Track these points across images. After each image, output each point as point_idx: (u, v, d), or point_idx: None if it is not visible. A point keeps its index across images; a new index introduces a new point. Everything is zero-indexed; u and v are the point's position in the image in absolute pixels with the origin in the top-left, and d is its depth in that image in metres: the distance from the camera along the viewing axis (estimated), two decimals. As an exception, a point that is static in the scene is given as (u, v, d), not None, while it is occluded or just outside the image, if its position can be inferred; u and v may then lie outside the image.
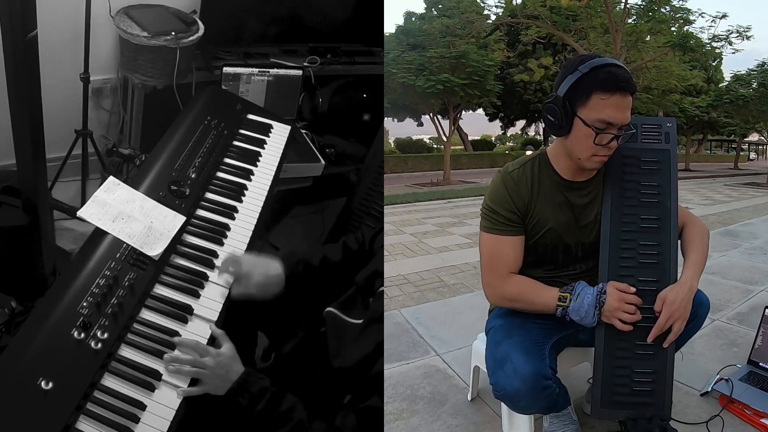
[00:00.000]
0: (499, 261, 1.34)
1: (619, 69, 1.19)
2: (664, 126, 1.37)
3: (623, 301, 1.23)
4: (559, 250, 1.35)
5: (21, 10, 1.32)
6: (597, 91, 1.17)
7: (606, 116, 1.18)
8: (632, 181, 1.34)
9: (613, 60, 1.21)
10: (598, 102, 1.17)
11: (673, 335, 1.24)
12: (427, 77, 11.63)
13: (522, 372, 1.17)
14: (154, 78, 2.28)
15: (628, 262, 1.29)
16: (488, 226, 1.34)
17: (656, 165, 1.34)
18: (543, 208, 1.32)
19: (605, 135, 1.19)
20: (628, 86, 1.17)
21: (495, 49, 13.99)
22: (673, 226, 1.32)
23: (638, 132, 1.35)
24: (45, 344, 1.08)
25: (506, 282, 1.33)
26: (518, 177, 1.33)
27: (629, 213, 1.32)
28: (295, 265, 1.43)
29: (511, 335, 1.28)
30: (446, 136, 13.49)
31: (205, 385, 1.18)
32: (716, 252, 3.94)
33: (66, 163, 2.49)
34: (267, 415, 1.17)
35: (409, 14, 17.90)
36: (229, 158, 1.78)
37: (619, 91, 1.17)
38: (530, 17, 12.86)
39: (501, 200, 1.32)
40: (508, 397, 1.21)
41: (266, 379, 1.21)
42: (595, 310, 1.24)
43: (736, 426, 1.53)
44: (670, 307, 1.22)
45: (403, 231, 5.48)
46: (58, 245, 2.14)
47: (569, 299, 1.26)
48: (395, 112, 16.40)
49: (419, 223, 6.06)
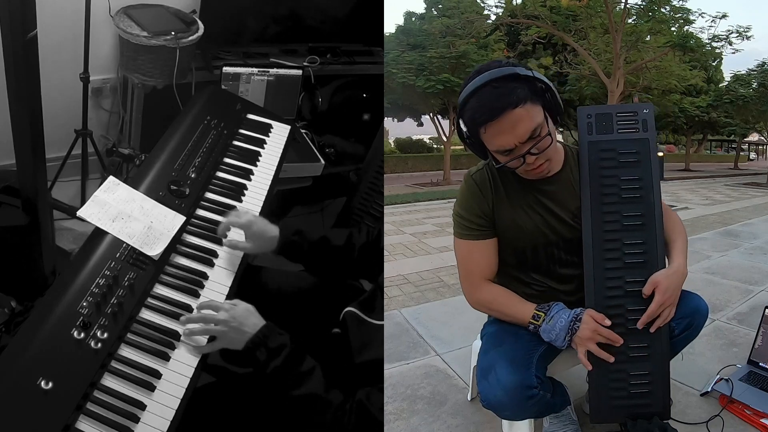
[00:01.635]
0: (472, 267, 1.34)
1: (482, 96, 1.11)
2: (641, 113, 1.29)
3: (596, 332, 1.21)
4: (539, 249, 1.31)
5: (21, 10, 1.32)
6: (476, 127, 1.14)
7: (497, 146, 1.15)
8: (611, 176, 1.26)
9: (484, 78, 1.12)
10: (484, 136, 1.15)
11: (661, 320, 1.23)
12: (427, 77, 11.63)
13: (504, 383, 1.16)
14: (154, 78, 2.28)
15: (614, 264, 1.25)
16: (459, 232, 1.34)
17: (635, 157, 1.27)
18: (510, 210, 1.29)
19: (513, 157, 1.16)
20: (499, 109, 1.10)
21: (495, 49, 13.96)
22: (658, 221, 1.26)
23: (613, 122, 1.28)
24: (45, 344, 1.08)
25: (480, 289, 1.34)
26: (481, 179, 1.31)
27: (611, 211, 1.25)
28: (292, 233, 1.43)
29: (500, 344, 1.27)
30: (446, 136, 13.50)
31: (220, 341, 1.18)
32: (716, 252, 3.94)
33: (66, 163, 2.49)
34: (283, 372, 1.15)
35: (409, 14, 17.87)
36: (229, 158, 1.78)
37: (491, 119, 1.11)
38: (530, 17, 12.84)
39: (467, 205, 1.31)
40: (493, 407, 1.20)
41: (286, 336, 1.19)
42: (567, 336, 1.22)
43: (736, 426, 1.53)
44: (663, 294, 1.21)
45: (403, 231, 5.48)
46: (58, 245, 2.14)
47: (542, 319, 1.24)
48: (395, 112, 16.38)
49: (419, 223, 6.06)
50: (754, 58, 22.60)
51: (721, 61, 20.70)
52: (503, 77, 1.11)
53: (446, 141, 13.56)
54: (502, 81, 1.11)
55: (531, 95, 1.12)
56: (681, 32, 12.41)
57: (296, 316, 1.45)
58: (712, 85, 19.00)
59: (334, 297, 1.48)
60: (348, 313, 1.39)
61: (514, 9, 13.44)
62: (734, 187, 11.50)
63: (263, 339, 1.17)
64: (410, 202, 8.26)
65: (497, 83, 1.11)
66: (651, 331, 1.23)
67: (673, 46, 12.23)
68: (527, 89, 1.12)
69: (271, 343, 1.17)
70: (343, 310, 1.40)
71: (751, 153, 32.96)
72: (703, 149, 29.51)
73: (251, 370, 1.19)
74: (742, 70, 15.30)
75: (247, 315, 1.21)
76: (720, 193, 9.88)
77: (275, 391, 1.17)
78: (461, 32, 12.77)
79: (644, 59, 12.64)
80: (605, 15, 11.90)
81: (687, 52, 12.46)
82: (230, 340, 1.19)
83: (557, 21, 12.48)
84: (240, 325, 1.19)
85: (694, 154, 24.30)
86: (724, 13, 13.31)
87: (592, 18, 12.50)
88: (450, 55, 11.90)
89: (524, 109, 1.11)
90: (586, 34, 12.73)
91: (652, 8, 12.12)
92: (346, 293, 1.50)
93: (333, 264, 1.48)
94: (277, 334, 1.19)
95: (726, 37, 12.41)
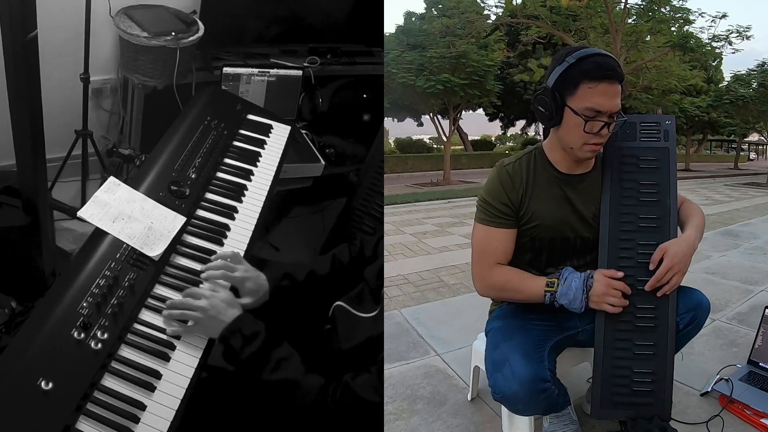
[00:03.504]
0: (488, 252, 1.35)
1: (606, 58, 1.20)
2: (663, 123, 1.36)
3: (611, 286, 1.24)
4: (557, 245, 1.35)
5: (21, 10, 1.32)
6: (584, 80, 1.18)
7: (594, 104, 1.19)
8: (631, 180, 1.33)
9: (601, 50, 1.22)
10: (585, 91, 1.19)
11: (669, 287, 1.25)
12: (427, 77, 11.63)
13: (520, 375, 1.17)
14: (154, 78, 2.28)
15: (627, 262, 1.28)
16: (481, 218, 1.36)
17: (655, 163, 1.33)
18: (538, 202, 1.32)
19: (595, 123, 1.20)
20: (615, 74, 1.19)
21: (495, 49, 13.97)
22: (673, 225, 1.30)
23: (636, 130, 1.35)
24: (45, 344, 1.08)
25: (493, 271, 1.35)
26: (513, 171, 1.34)
27: (628, 212, 1.31)
28: (279, 279, 1.43)
29: (510, 337, 1.28)
30: (446, 136, 13.49)
31: (197, 326, 1.21)
32: (716, 252, 3.94)
33: (66, 164, 2.49)
34: (258, 359, 1.17)
35: (409, 14, 17.89)
36: (229, 158, 1.78)
37: (605, 79, 1.18)
38: (530, 17, 12.86)
39: (495, 192, 1.33)
40: (507, 400, 1.21)
41: (261, 324, 1.22)
42: (583, 294, 1.25)
43: (736, 426, 1.53)
44: (672, 258, 1.23)
45: (403, 231, 5.48)
46: (58, 245, 2.14)
47: (557, 284, 1.27)
48: (395, 112, 16.39)
49: (419, 223, 6.06)
50: (754, 58, 22.63)
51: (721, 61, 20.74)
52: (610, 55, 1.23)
53: (446, 141, 13.55)
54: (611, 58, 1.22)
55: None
56: (681, 32, 12.42)
57: (290, 311, 1.47)
58: (712, 85, 19.02)
59: (329, 294, 1.49)
60: (337, 307, 1.41)
61: (514, 9, 13.45)
62: (734, 187, 11.50)
63: (237, 326, 1.20)
64: (410, 202, 8.26)
65: (609, 57, 1.21)
66: (657, 295, 1.26)
67: (673, 46, 12.25)
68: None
69: (246, 331, 1.20)
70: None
71: (751, 153, 32.95)
72: (703, 149, 29.51)
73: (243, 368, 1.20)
74: (742, 70, 15.31)
75: (225, 304, 1.24)
76: (720, 193, 9.88)
77: (251, 376, 1.19)
78: (461, 32, 12.79)
79: (644, 59, 12.66)
80: (605, 15, 11.91)
81: (687, 52, 12.47)
82: (206, 328, 1.22)
83: (557, 21, 12.49)
84: (217, 314, 1.22)
85: (694, 154, 24.29)
86: (724, 13, 13.34)
87: (592, 18, 12.52)
88: (450, 55, 11.89)
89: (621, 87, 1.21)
90: (586, 34, 12.74)
91: (652, 8, 12.14)
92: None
93: (322, 292, 1.48)
94: (251, 322, 1.22)
95: (726, 37, 12.43)
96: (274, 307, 1.41)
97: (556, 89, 1.22)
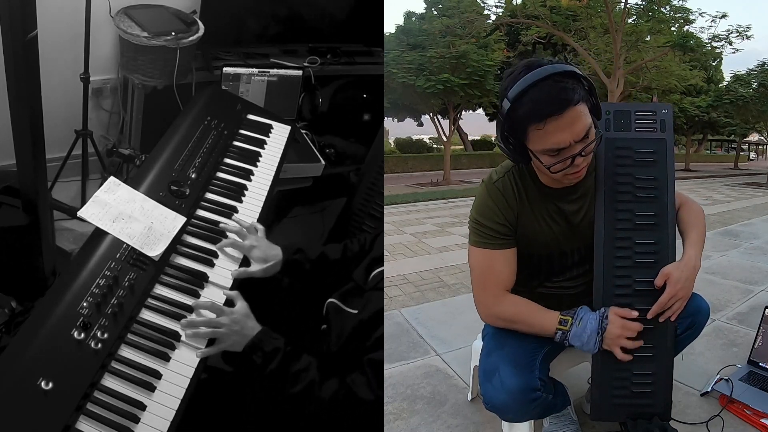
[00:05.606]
0: (491, 277, 1.27)
1: (543, 88, 1.04)
2: (659, 113, 1.27)
3: (626, 328, 1.19)
4: (555, 260, 1.31)
5: (21, 10, 1.33)
6: (529, 125, 1.06)
7: (551, 144, 1.07)
8: (626, 175, 1.25)
9: (538, 74, 1.05)
10: (535, 134, 1.07)
11: (671, 313, 1.21)
12: (427, 77, 11.62)
13: (509, 386, 1.16)
14: (154, 78, 2.28)
15: (624, 262, 1.24)
16: (477, 240, 1.27)
17: (651, 156, 1.25)
18: (532, 220, 1.26)
19: (563, 159, 1.09)
20: (559, 106, 1.04)
21: (495, 49, 13.94)
22: (671, 222, 1.25)
23: (631, 120, 1.26)
24: (45, 344, 1.08)
25: (501, 302, 1.27)
26: (504, 187, 1.25)
27: (624, 210, 1.24)
28: (293, 252, 1.50)
29: (503, 345, 1.25)
30: (446, 136, 13.50)
31: (222, 344, 1.23)
32: (716, 252, 3.94)
33: (66, 163, 2.49)
34: (279, 374, 1.21)
35: (409, 14, 17.86)
36: (229, 158, 1.78)
37: (549, 116, 1.04)
38: (530, 17, 12.84)
39: (488, 212, 1.25)
40: (497, 409, 1.20)
41: (281, 340, 1.25)
42: (598, 337, 1.19)
43: (736, 426, 1.53)
44: (674, 286, 1.18)
45: (403, 231, 5.48)
46: (58, 245, 2.14)
47: (570, 323, 1.20)
48: (395, 112, 16.37)
49: (419, 223, 6.06)
50: (754, 58, 22.59)
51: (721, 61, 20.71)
52: (563, 73, 1.06)
53: (446, 141, 13.56)
54: (563, 76, 1.05)
55: (585, 94, 1.08)
56: (681, 32, 12.41)
57: (288, 312, 1.51)
58: (712, 85, 19.00)
59: (322, 287, 1.54)
60: (330, 304, 1.45)
61: (514, 9, 13.43)
62: (734, 187, 11.50)
63: (259, 343, 1.23)
64: (410, 202, 8.25)
65: (559, 78, 1.05)
66: (660, 321, 1.21)
67: (673, 46, 12.23)
68: (582, 88, 1.07)
69: (266, 347, 1.23)
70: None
71: (751, 153, 32.95)
72: (703, 149, 29.50)
73: (244, 369, 1.24)
74: (742, 70, 15.31)
75: (246, 320, 1.27)
76: (720, 193, 9.87)
77: (274, 391, 1.22)
78: (461, 32, 12.76)
79: (644, 59, 12.64)
80: (605, 15, 11.89)
81: (687, 52, 12.45)
82: (232, 343, 1.23)
83: (557, 21, 12.47)
84: (242, 329, 1.24)
85: (694, 154, 24.28)
86: (724, 13, 13.29)
87: (592, 18, 12.50)
88: (450, 55, 11.88)
89: (582, 107, 1.06)
90: (586, 34, 12.73)
91: (652, 8, 12.12)
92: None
93: (331, 277, 1.54)
94: (272, 338, 1.25)
95: (726, 36, 12.40)
96: (275, 307, 1.43)
97: (509, 134, 1.12)
